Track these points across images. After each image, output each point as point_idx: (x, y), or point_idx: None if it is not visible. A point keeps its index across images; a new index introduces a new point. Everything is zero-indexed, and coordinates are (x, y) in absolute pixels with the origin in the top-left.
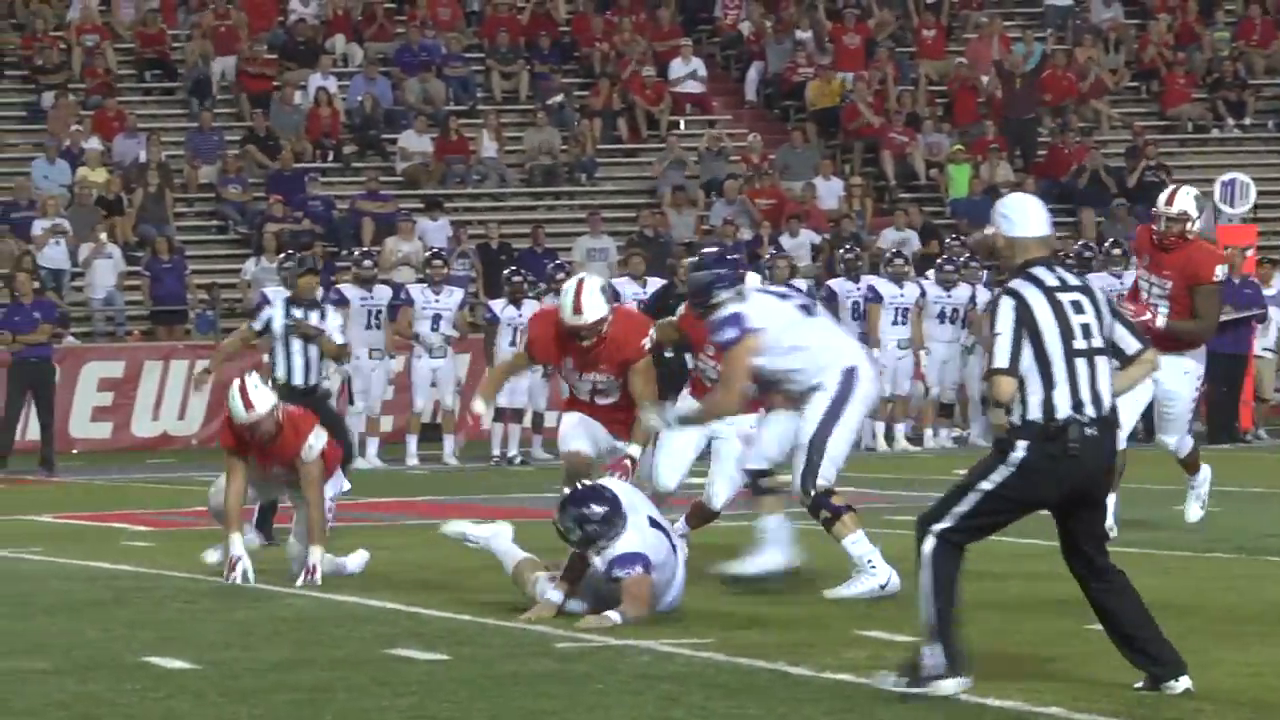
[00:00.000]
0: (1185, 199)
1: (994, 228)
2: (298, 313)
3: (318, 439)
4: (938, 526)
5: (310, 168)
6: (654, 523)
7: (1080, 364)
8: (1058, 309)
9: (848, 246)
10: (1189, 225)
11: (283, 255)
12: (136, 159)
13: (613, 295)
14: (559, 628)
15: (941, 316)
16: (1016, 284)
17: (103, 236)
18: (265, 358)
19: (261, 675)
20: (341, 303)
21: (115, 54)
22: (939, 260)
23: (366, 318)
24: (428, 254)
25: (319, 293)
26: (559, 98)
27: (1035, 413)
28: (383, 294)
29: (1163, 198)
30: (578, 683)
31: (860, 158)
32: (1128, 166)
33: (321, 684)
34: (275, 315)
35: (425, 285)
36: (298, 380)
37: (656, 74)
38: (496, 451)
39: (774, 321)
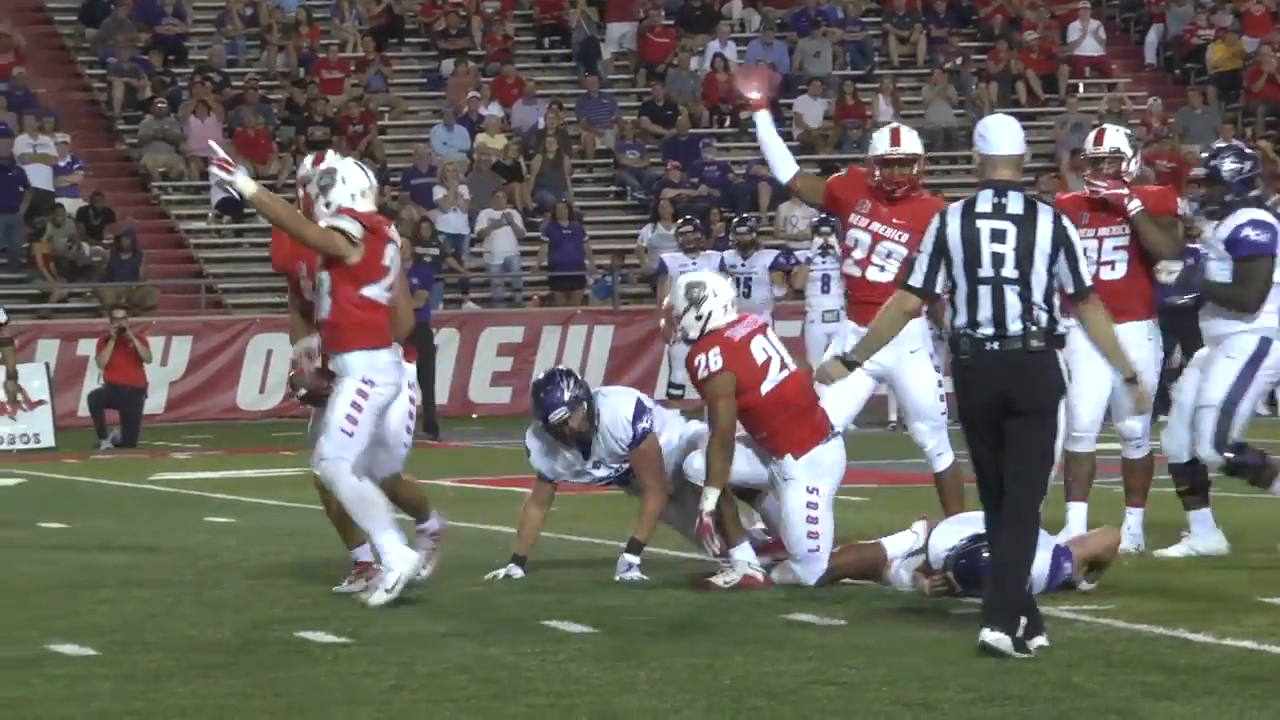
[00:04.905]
0: (1117, 136)
1: (974, 146)
2: None
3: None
4: None
5: (706, 133)
6: None
7: (983, 290)
8: (970, 235)
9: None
10: (1125, 165)
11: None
12: (535, 125)
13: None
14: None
15: None
16: (951, 207)
17: (498, 212)
18: None
19: (659, 640)
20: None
21: (514, 21)
22: None
23: (738, 284)
24: (815, 220)
25: None
26: (956, 61)
27: (949, 325)
28: (764, 259)
29: (1091, 138)
30: (974, 649)
31: (1263, 121)
32: None
33: (719, 648)
34: None
35: (821, 249)
36: None
37: (1056, 37)
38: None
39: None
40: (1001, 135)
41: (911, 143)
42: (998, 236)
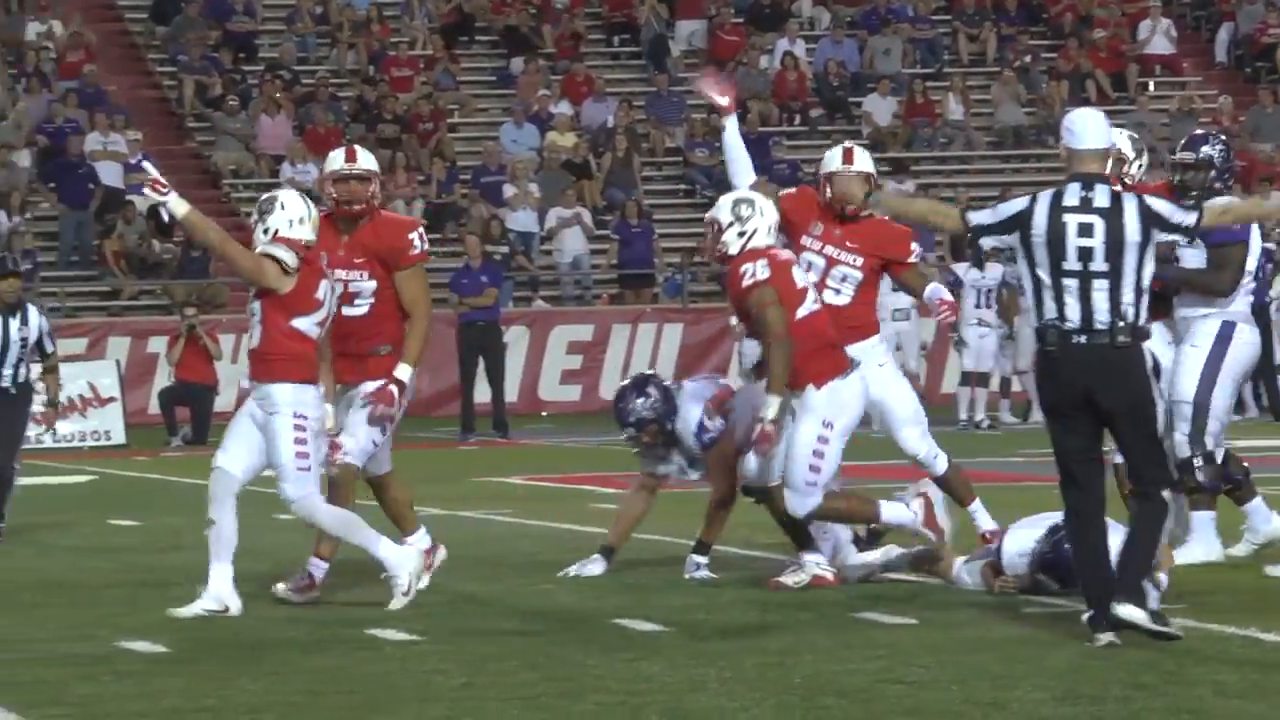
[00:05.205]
0: (1119, 138)
1: (1061, 140)
2: None
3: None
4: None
5: (776, 131)
6: None
7: (1069, 283)
8: (1057, 229)
9: None
10: (1126, 166)
11: None
12: (604, 123)
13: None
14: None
15: None
16: (1041, 194)
17: (568, 211)
18: None
19: (729, 638)
20: None
21: (584, 19)
22: None
23: None
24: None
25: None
26: (1026, 60)
27: (1034, 318)
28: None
29: None
30: (1044, 648)
31: None
32: None
33: (788, 647)
34: None
35: None
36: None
37: (1126, 35)
38: (964, 415)
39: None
40: (1088, 129)
41: (864, 162)
42: (1085, 230)
